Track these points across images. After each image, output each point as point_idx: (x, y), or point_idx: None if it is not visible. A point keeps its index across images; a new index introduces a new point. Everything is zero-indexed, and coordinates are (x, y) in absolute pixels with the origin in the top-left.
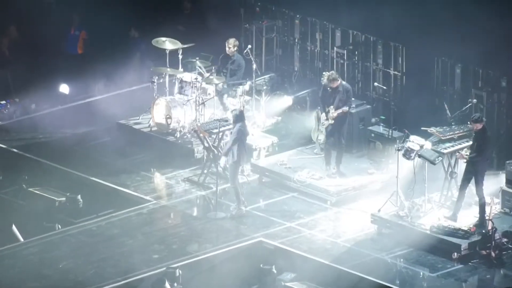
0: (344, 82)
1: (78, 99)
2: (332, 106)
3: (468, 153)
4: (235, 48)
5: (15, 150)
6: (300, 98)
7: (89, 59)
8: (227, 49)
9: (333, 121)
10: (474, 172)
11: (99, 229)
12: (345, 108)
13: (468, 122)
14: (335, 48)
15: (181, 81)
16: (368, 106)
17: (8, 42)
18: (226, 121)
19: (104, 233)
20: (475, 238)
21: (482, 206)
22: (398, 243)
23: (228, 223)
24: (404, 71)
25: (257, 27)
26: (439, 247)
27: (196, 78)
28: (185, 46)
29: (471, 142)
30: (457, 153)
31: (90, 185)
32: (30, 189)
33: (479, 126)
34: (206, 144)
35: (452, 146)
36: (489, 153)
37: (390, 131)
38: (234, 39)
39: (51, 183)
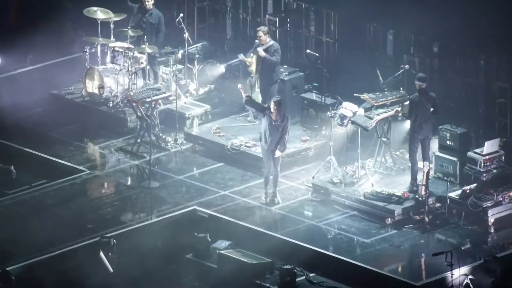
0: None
1: (10, 70)
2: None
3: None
4: (152, 1)
5: None
6: (232, 66)
7: (20, 29)
8: (146, 3)
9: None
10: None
11: (33, 200)
12: (260, 50)
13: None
14: (267, 15)
15: (113, 51)
16: (301, 73)
17: None
18: (159, 90)
19: (38, 204)
20: (409, 203)
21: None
22: (332, 210)
23: (162, 192)
24: (336, 38)
25: None
26: (373, 213)
27: (128, 47)
28: (117, 18)
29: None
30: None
31: (23, 156)
32: None
33: (424, 85)
34: (139, 114)
35: (385, 112)
36: None
37: (323, 98)
38: None
39: None
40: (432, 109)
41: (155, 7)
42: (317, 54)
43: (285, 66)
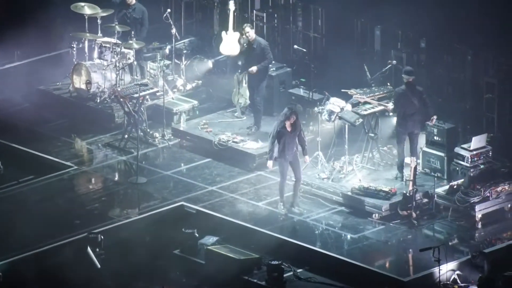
0: (259, 39)
1: None
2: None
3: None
4: None
5: None
6: (220, 61)
7: (8, 24)
8: None
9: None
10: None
11: (20, 195)
12: (254, 68)
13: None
14: (254, 11)
15: (101, 46)
16: (288, 69)
17: None
18: (146, 85)
19: (26, 199)
20: (396, 199)
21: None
22: (320, 205)
23: (149, 187)
24: (323, 33)
25: None
26: (361, 208)
27: (115, 43)
28: (104, 14)
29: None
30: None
31: (10, 151)
32: None
33: (411, 79)
34: (126, 109)
35: (372, 107)
36: None
37: (311, 94)
38: None
39: None
40: (431, 114)
41: (138, 1)
42: (304, 50)
43: (273, 62)
